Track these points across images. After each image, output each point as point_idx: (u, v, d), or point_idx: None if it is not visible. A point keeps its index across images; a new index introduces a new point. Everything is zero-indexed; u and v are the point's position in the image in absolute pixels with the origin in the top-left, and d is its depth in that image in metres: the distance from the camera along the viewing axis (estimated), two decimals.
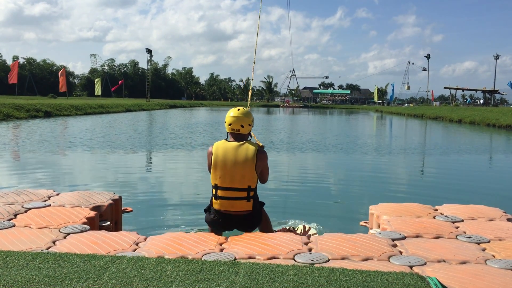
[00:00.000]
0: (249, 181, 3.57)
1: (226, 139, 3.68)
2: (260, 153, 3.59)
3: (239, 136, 3.66)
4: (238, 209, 3.61)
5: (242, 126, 3.66)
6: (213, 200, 3.67)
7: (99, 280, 2.11)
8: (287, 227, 5.06)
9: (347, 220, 5.83)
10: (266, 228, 3.85)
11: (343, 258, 2.54)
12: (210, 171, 3.65)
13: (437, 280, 2.17)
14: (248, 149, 3.56)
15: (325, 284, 2.10)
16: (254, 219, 3.72)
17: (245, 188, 3.58)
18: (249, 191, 3.59)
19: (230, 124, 3.68)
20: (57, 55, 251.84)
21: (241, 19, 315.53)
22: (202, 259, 2.47)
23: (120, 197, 3.84)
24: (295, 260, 2.50)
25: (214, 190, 3.63)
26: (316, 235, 4.27)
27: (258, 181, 3.67)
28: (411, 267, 2.43)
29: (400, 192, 7.82)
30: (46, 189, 4.09)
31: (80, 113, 36.03)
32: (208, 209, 3.78)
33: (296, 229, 5.12)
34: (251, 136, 3.86)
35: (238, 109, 3.76)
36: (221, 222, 3.70)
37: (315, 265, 2.39)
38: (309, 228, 5.21)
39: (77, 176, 9.26)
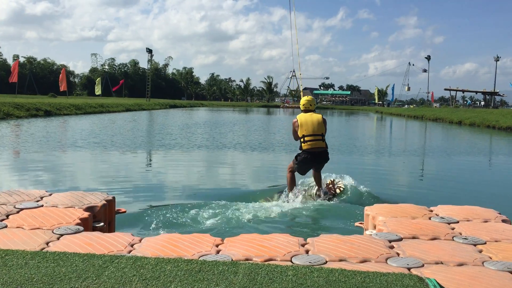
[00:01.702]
0: (321, 130, 6.63)
1: (307, 111, 6.79)
2: (324, 118, 6.77)
3: (309, 110, 6.81)
4: (319, 146, 6.58)
5: (310, 105, 6.85)
6: (303, 145, 6.59)
7: (98, 279, 2.12)
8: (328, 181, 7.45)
9: (342, 221, 5.83)
10: (320, 173, 6.93)
11: (340, 260, 2.54)
12: (296, 132, 6.68)
13: (436, 281, 2.18)
14: (318, 115, 6.75)
15: (324, 285, 2.11)
16: (326, 155, 6.71)
17: (320, 134, 6.61)
18: (322, 136, 6.65)
19: (304, 105, 6.85)
20: (58, 54, 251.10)
21: (243, 19, 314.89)
22: (200, 259, 2.47)
23: (113, 197, 3.81)
24: (292, 262, 2.50)
25: (302, 139, 6.60)
26: (342, 187, 7.20)
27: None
28: (409, 269, 2.43)
29: (394, 193, 7.80)
30: (38, 189, 4.04)
31: (80, 112, 36.04)
32: (299, 154, 6.66)
33: (332, 181, 7.49)
34: (315, 111, 6.87)
35: (308, 97, 6.98)
36: (309, 158, 6.58)
37: (313, 266, 2.39)
38: (335, 180, 7.54)
39: (70, 176, 9.23)
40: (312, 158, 6.58)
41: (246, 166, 10.89)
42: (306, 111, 6.79)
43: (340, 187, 7.26)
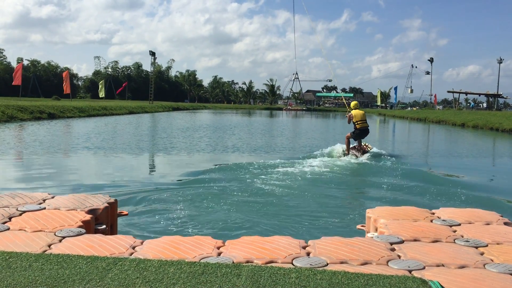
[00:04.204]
0: (365, 117, 13.54)
1: (355, 109, 13.54)
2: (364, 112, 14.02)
3: (357, 108, 13.58)
4: (365, 126, 13.36)
5: (358, 106, 13.80)
6: (357, 125, 13.22)
7: (102, 281, 2.14)
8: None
9: (344, 223, 5.84)
10: (361, 140, 13.75)
11: (341, 262, 2.55)
12: (351, 120, 13.31)
13: (439, 283, 2.18)
14: (362, 110, 13.67)
15: (327, 287, 2.12)
16: (368, 131, 13.66)
17: (364, 120, 13.43)
18: (366, 120, 13.52)
19: (353, 106, 13.65)
20: (63, 57, 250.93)
21: (247, 22, 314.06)
22: (203, 261, 2.48)
23: (115, 200, 3.82)
24: (293, 264, 2.51)
25: (356, 122, 13.23)
26: (370, 147, 14.31)
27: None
28: (410, 271, 2.43)
29: (396, 195, 7.80)
30: (41, 191, 4.05)
31: (84, 115, 36.17)
32: (354, 131, 13.32)
33: (366, 144, 13.99)
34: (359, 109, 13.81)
35: (355, 102, 13.92)
36: (359, 133, 13.30)
37: (315, 268, 2.40)
38: (366, 143, 14.22)
39: (73, 178, 9.27)
40: (361, 132, 13.41)
41: (246, 170, 10.88)
42: (355, 109, 13.56)
43: (369, 147, 14.09)
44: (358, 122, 13.22)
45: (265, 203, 6.87)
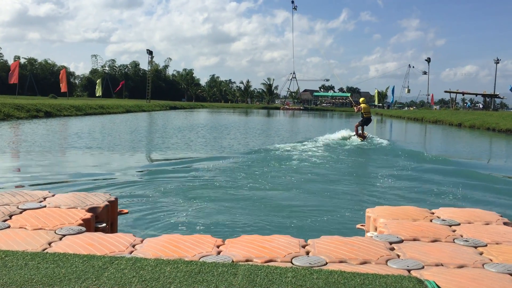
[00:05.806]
0: (369, 109, 19.42)
1: (364, 104, 19.36)
2: (368, 105, 20.37)
3: (364, 103, 19.35)
4: (370, 115, 19.34)
5: (365, 101, 19.75)
6: (364, 115, 18.97)
7: (98, 280, 2.12)
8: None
9: (344, 223, 5.84)
10: (364, 127, 19.71)
11: (340, 262, 2.55)
12: (360, 110, 19.10)
13: (435, 283, 2.18)
14: (367, 104, 19.56)
15: (323, 287, 2.11)
16: (371, 120, 19.88)
17: (369, 112, 19.31)
18: (370, 112, 19.57)
19: (361, 101, 19.59)
20: (60, 55, 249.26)
21: (246, 21, 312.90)
22: (200, 261, 2.47)
23: (116, 198, 3.81)
24: (292, 263, 2.51)
25: (363, 112, 18.96)
26: (368, 134, 20.43)
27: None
28: (409, 270, 2.43)
29: (396, 195, 7.81)
30: (41, 190, 4.03)
31: (80, 113, 36.10)
32: (362, 120, 19.02)
33: (366, 133, 19.45)
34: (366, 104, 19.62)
35: (363, 98, 20.41)
36: (365, 121, 19.10)
37: (313, 267, 2.39)
38: (366, 132, 19.67)
39: (73, 177, 9.24)
40: (367, 120, 18.92)
41: (245, 168, 10.88)
42: (363, 103, 18.92)
43: (366, 133, 19.13)
44: (365, 113, 18.76)
45: (265, 201, 6.87)
